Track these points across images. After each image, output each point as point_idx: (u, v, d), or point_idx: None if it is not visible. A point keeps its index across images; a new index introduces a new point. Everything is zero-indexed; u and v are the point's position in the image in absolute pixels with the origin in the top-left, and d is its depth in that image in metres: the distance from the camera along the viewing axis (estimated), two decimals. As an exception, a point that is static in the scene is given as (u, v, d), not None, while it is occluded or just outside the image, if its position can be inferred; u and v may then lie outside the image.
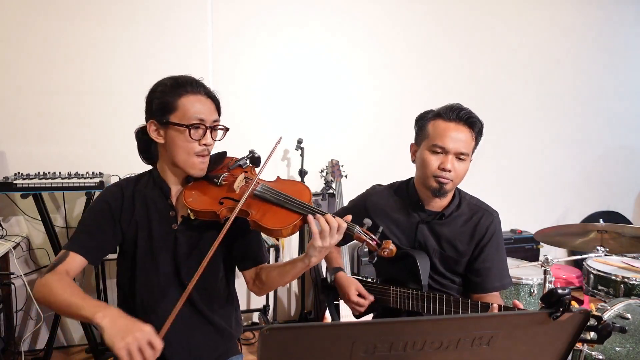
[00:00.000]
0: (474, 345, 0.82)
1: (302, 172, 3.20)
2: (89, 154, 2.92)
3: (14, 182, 2.46)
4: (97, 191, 2.52)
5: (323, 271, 3.08)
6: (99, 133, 2.95)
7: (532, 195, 4.09)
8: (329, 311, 2.02)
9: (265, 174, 1.43)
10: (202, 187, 1.42)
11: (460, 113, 1.56)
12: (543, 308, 0.85)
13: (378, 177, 2.09)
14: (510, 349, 0.86)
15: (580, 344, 1.87)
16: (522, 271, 2.62)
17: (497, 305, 1.43)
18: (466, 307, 1.49)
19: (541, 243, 2.81)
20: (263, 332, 0.74)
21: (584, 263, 2.71)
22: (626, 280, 2.44)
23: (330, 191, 3.21)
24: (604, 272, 2.54)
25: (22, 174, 2.57)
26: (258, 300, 3.37)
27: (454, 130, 1.56)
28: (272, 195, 1.37)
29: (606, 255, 2.42)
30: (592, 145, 4.27)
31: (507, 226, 3.91)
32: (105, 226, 1.41)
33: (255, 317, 3.47)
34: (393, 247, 1.33)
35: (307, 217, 1.30)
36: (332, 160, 3.21)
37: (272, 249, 3.36)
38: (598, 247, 2.40)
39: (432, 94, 3.59)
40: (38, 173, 2.62)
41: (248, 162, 1.48)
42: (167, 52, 3.04)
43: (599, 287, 2.55)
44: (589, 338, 1.13)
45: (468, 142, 1.57)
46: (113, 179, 2.81)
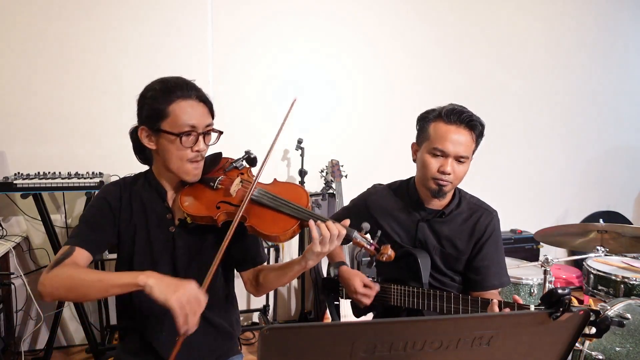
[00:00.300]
0: (474, 345, 0.82)
1: (302, 172, 3.20)
2: (89, 154, 2.92)
3: (14, 182, 2.46)
4: (97, 191, 2.51)
5: (323, 271, 3.08)
6: (99, 133, 2.95)
7: (532, 195, 4.09)
8: (329, 311, 2.02)
9: (263, 175, 1.40)
10: (198, 191, 1.40)
11: (461, 116, 1.56)
12: (543, 308, 0.85)
13: (378, 177, 2.08)
14: (510, 349, 0.86)
15: (580, 342, 1.87)
16: (522, 271, 2.62)
17: (497, 300, 1.43)
18: (466, 304, 1.50)
19: (541, 243, 2.81)
20: (263, 332, 0.74)
21: (584, 263, 2.71)
22: (626, 280, 2.44)
23: (330, 191, 3.21)
24: (604, 272, 2.54)
25: (22, 174, 2.57)
26: (258, 300, 3.37)
27: (455, 133, 1.56)
28: (269, 199, 1.35)
29: (606, 255, 2.42)
30: (593, 145, 4.27)
31: (507, 226, 3.91)
32: (105, 223, 1.40)
33: (255, 317, 3.47)
34: (391, 253, 1.32)
35: (309, 222, 1.29)
36: (332, 160, 3.21)
37: (272, 250, 3.36)
38: (598, 247, 2.41)
39: (432, 94, 3.59)
40: (38, 173, 2.62)
41: (244, 163, 1.45)
42: (167, 52, 3.04)
43: (599, 287, 2.55)
44: (588, 332, 1.13)
45: (468, 145, 1.58)
46: (113, 179, 2.80)
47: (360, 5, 3.45)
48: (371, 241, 1.33)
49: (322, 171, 3.24)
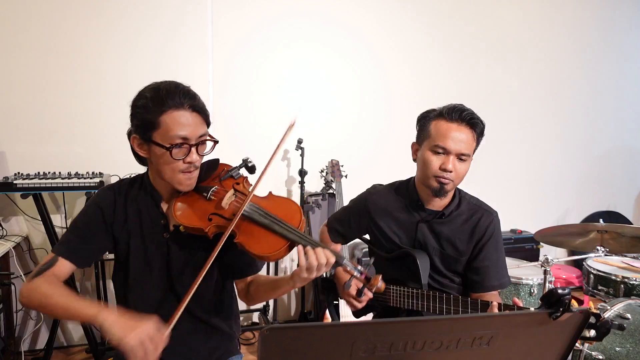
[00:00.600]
0: (474, 345, 0.82)
1: (302, 172, 3.20)
2: (89, 154, 2.92)
3: (14, 182, 2.46)
4: (95, 192, 2.52)
5: (323, 271, 3.08)
6: (99, 133, 2.95)
7: (532, 195, 4.09)
8: (329, 311, 2.02)
9: (264, 183, 1.37)
10: (192, 200, 1.37)
11: (462, 114, 1.56)
12: (543, 308, 0.85)
13: (378, 177, 2.08)
14: (510, 349, 0.86)
15: (579, 344, 1.87)
16: (522, 271, 2.62)
17: (497, 303, 1.43)
18: (466, 305, 1.49)
19: (541, 243, 2.80)
20: (263, 332, 0.74)
21: (584, 263, 2.71)
22: (626, 280, 2.44)
23: (330, 191, 3.21)
24: (604, 272, 2.54)
25: (22, 174, 2.57)
26: (258, 300, 3.37)
27: (456, 130, 1.56)
28: (261, 216, 1.31)
29: (606, 255, 2.42)
30: (592, 145, 4.27)
31: (507, 226, 3.91)
32: (96, 231, 1.39)
33: (255, 317, 3.47)
34: (382, 285, 1.28)
35: (298, 248, 1.25)
36: (332, 160, 3.21)
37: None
38: (598, 247, 2.40)
39: (432, 94, 3.59)
40: (38, 173, 2.62)
41: (241, 172, 1.42)
42: (168, 53, 3.03)
43: (599, 287, 2.55)
44: (588, 336, 1.13)
45: (469, 143, 1.58)
46: (113, 179, 2.81)
47: (359, 6, 3.45)
48: (361, 270, 1.29)
49: (322, 171, 3.24)
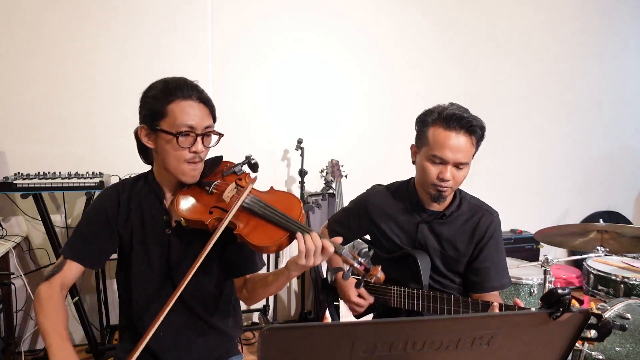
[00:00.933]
0: (474, 345, 0.82)
1: (302, 172, 3.20)
2: (89, 154, 2.92)
3: (14, 182, 2.46)
4: (97, 191, 2.52)
5: (323, 271, 3.08)
6: (99, 133, 2.95)
7: (532, 195, 4.09)
8: (329, 311, 2.02)
9: (260, 180, 1.39)
10: (194, 194, 1.40)
11: (461, 122, 1.52)
12: (543, 308, 0.85)
13: (378, 177, 2.08)
14: (510, 349, 0.86)
15: (580, 344, 1.87)
16: (522, 271, 2.62)
17: (498, 303, 1.42)
18: (466, 306, 1.49)
19: (541, 243, 2.80)
20: (263, 332, 0.74)
21: (584, 263, 2.71)
22: (626, 280, 2.44)
23: (330, 191, 3.21)
24: (604, 272, 2.54)
25: (22, 174, 2.57)
26: (258, 300, 3.37)
27: (454, 139, 1.52)
28: (261, 208, 1.32)
29: (606, 255, 2.42)
30: (593, 145, 4.27)
31: (507, 226, 3.91)
32: (101, 230, 1.41)
33: (255, 317, 3.47)
34: (381, 275, 1.28)
35: (297, 235, 1.26)
36: (332, 160, 3.21)
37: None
38: (598, 247, 2.40)
39: (433, 94, 3.57)
40: (38, 173, 2.62)
41: (244, 169, 1.44)
42: (168, 53, 3.03)
43: (599, 287, 2.55)
44: (589, 336, 1.13)
45: (468, 151, 1.55)
46: (113, 179, 2.81)
47: (360, 5, 3.45)
48: (361, 260, 1.29)
49: (322, 171, 3.24)
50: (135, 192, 1.45)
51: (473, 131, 1.54)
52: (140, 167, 1.52)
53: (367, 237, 1.89)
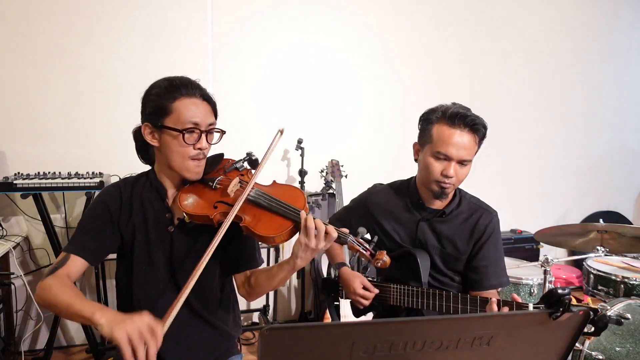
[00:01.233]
0: (474, 345, 0.82)
1: (302, 172, 3.20)
2: (89, 154, 2.92)
3: (14, 182, 2.46)
4: (97, 191, 2.52)
5: (323, 271, 3.08)
6: (99, 133, 2.95)
7: (532, 195, 4.09)
8: (329, 311, 2.02)
9: (262, 176, 1.40)
10: (198, 190, 1.41)
11: (465, 119, 1.55)
12: (542, 306, 0.85)
13: (378, 177, 2.08)
14: (510, 349, 0.86)
15: (580, 343, 1.87)
16: (522, 271, 2.62)
17: (496, 299, 1.43)
18: (465, 302, 1.50)
19: (541, 243, 2.81)
20: (263, 332, 0.74)
21: (584, 263, 2.71)
22: (626, 280, 2.44)
23: (330, 191, 3.21)
24: (604, 272, 2.54)
25: (22, 174, 2.57)
26: (258, 300, 3.37)
27: (458, 137, 1.55)
28: (266, 200, 1.35)
29: (606, 255, 2.42)
30: (592, 145, 4.27)
31: (507, 226, 3.91)
32: (103, 227, 1.41)
33: (255, 317, 3.47)
34: (387, 259, 1.30)
35: (300, 214, 1.28)
36: (332, 160, 3.21)
37: (273, 249, 3.36)
38: (598, 247, 2.41)
39: (433, 94, 3.57)
40: (38, 173, 2.62)
41: (245, 165, 1.46)
42: (168, 52, 3.04)
43: (599, 287, 2.55)
44: (586, 330, 1.13)
45: (471, 149, 1.58)
46: (113, 179, 2.81)
47: (360, 4, 3.45)
48: (367, 246, 1.32)
49: (322, 171, 3.24)
50: (137, 191, 1.45)
51: (477, 129, 1.57)
52: (140, 167, 1.52)
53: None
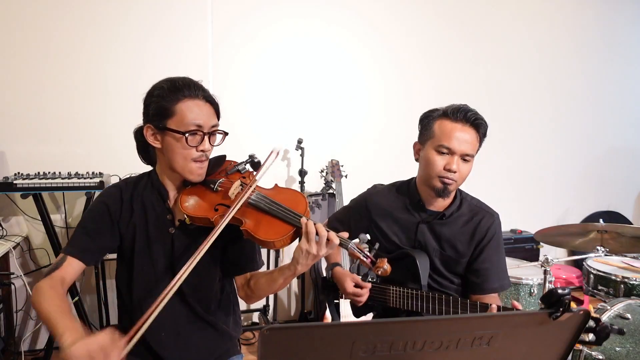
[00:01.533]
0: (474, 345, 0.82)
1: (302, 172, 3.20)
2: (89, 154, 2.92)
3: (14, 182, 2.46)
4: (97, 191, 2.52)
5: (323, 271, 3.08)
6: (99, 133, 2.95)
7: (532, 195, 4.09)
8: (330, 309, 2.02)
9: (263, 180, 1.40)
10: (199, 192, 1.41)
11: (467, 114, 1.56)
12: (543, 308, 0.85)
13: (378, 177, 2.09)
14: (510, 349, 0.86)
15: (579, 344, 1.87)
16: (522, 271, 2.62)
17: (496, 305, 1.43)
18: (465, 308, 1.49)
19: (541, 243, 2.81)
20: (263, 332, 0.74)
21: (584, 263, 2.71)
22: (626, 280, 2.44)
23: (330, 191, 3.21)
24: (604, 272, 2.54)
25: (22, 174, 2.57)
26: (258, 300, 3.37)
27: (461, 131, 1.56)
28: (267, 204, 1.34)
29: (606, 255, 2.42)
30: (593, 145, 4.27)
31: (507, 226, 3.90)
32: (103, 228, 1.41)
33: (255, 317, 3.47)
34: (388, 267, 1.29)
35: (301, 220, 1.27)
36: (332, 160, 3.21)
37: (273, 252, 3.36)
38: (598, 247, 2.41)
39: (433, 94, 3.58)
40: (38, 173, 2.62)
41: (247, 167, 1.46)
42: (167, 52, 3.03)
43: (599, 287, 2.55)
44: (587, 340, 1.13)
45: (473, 144, 1.58)
46: (113, 179, 2.81)
47: (359, 5, 3.45)
48: (367, 253, 1.30)
49: (322, 171, 3.24)
50: (138, 191, 1.45)
51: (478, 125, 1.58)
52: (140, 167, 1.52)
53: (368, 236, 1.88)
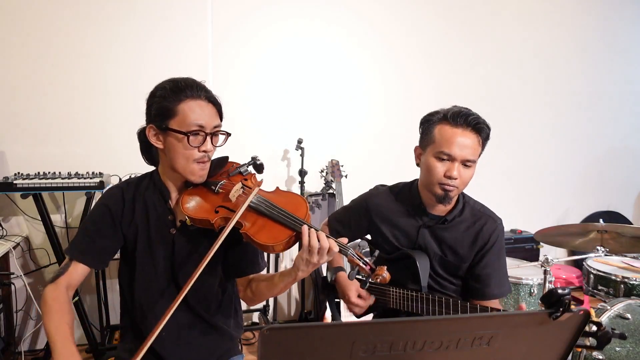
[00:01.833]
0: (474, 345, 0.82)
1: (302, 172, 3.20)
2: (89, 154, 2.92)
3: (14, 182, 2.46)
4: (97, 191, 2.52)
5: (323, 271, 3.08)
6: (99, 133, 2.95)
7: (532, 195, 4.09)
8: (330, 308, 2.02)
9: (264, 183, 1.40)
10: (200, 194, 1.40)
11: (468, 119, 1.51)
12: (543, 308, 0.85)
13: (378, 177, 2.08)
14: (510, 349, 0.86)
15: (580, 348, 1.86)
16: (522, 271, 2.61)
17: (498, 309, 1.42)
18: (465, 311, 1.49)
19: (541, 243, 2.81)
20: (263, 332, 0.74)
21: (584, 263, 2.71)
22: (626, 280, 2.44)
23: (330, 191, 3.21)
24: (604, 272, 2.54)
25: (22, 174, 2.57)
26: (258, 300, 3.37)
27: (461, 136, 1.51)
28: (267, 208, 1.33)
29: (606, 255, 2.42)
30: (593, 145, 4.27)
31: (507, 226, 3.87)
32: (106, 230, 1.41)
33: (255, 317, 3.47)
34: (387, 275, 1.28)
35: (302, 228, 1.26)
36: (332, 160, 3.21)
37: (273, 255, 3.36)
38: (598, 247, 2.41)
39: (433, 94, 3.59)
40: (38, 173, 2.62)
41: (249, 169, 1.45)
42: (167, 52, 3.04)
43: (599, 287, 2.55)
44: (588, 344, 1.13)
45: (475, 149, 1.54)
46: (113, 179, 2.81)
47: (362, 3, 3.45)
48: (367, 260, 1.29)
49: (322, 171, 3.24)
50: (140, 192, 1.45)
51: (480, 129, 1.53)
52: (140, 167, 1.52)
53: (369, 237, 1.87)
